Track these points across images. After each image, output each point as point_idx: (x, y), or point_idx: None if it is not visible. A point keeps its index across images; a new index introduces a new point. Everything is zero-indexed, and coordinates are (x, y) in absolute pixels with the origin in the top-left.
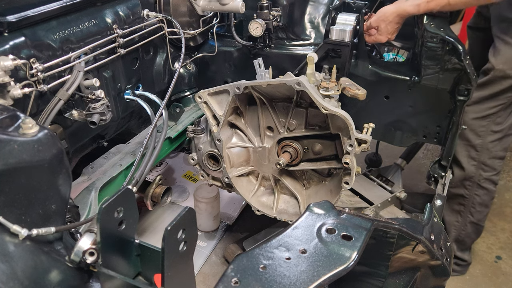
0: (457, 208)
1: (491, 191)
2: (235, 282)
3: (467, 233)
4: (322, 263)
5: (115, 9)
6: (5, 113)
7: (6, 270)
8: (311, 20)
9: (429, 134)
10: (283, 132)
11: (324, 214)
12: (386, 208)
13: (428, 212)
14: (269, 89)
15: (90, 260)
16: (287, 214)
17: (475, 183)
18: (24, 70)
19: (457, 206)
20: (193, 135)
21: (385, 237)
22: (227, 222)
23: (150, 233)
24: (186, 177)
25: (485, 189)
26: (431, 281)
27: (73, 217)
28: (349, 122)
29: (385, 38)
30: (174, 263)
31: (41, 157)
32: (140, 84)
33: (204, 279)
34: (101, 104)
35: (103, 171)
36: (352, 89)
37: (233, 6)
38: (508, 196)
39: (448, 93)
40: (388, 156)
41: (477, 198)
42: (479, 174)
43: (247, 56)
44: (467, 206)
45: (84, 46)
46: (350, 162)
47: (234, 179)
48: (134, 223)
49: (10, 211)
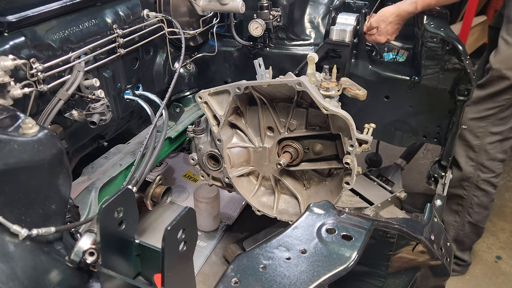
0: (455, 208)
1: (490, 193)
2: (235, 282)
3: (466, 233)
4: (322, 263)
5: (115, 9)
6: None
7: (6, 270)
8: (311, 20)
9: (429, 134)
10: (284, 132)
11: (324, 214)
12: (386, 208)
13: (428, 212)
14: (270, 89)
15: (90, 260)
16: (287, 214)
17: (473, 184)
18: (24, 70)
19: (455, 206)
20: (193, 135)
21: (385, 237)
22: (227, 222)
23: (150, 233)
24: (186, 177)
25: (484, 190)
26: (431, 281)
27: (73, 217)
28: (350, 122)
29: (384, 38)
30: (174, 263)
31: (41, 157)
32: (140, 84)
33: (204, 279)
34: (101, 104)
35: (103, 171)
36: (353, 89)
37: (233, 6)
38: (508, 196)
39: (448, 93)
40: (388, 156)
41: (475, 199)
42: (477, 175)
43: (247, 56)
44: (465, 207)
45: (84, 46)
46: (351, 162)
47: (234, 179)
48: (134, 223)
49: (10, 211)
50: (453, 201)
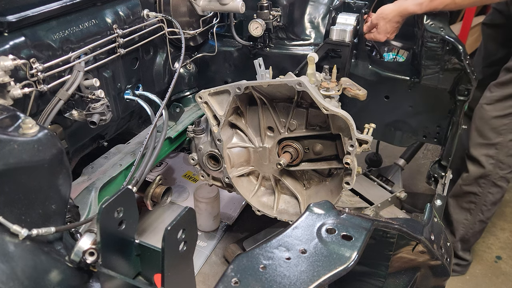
0: (467, 206)
1: (503, 189)
2: (235, 282)
3: (474, 232)
4: (322, 263)
5: (115, 9)
6: (5, 113)
7: (6, 270)
8: (311, 20)
9: (429, 134)
10: (284, 132)
11: (324, 214)
12: (386, 208)
13: (428, 212)
14: (270, 89)
15: (90, 260)
16: (287, 214)
17: (491, 181)
18: (24, 70)
19: (467, 204)
20: (193, 135)
21: (385, 237)
22: (227, 222)
23: (150, 233)
24: (186, 177)
25: (499, 187)
26: (431, 281)
27: (73, 217)
28: (350, 122)
29: (383, 37)
30: (174, 263)
31: (41, 157)
32: (140, 84)
33: (204, 279)
34: (101, 104)
35: (103, 171)
36: (353, 89)
37: (233, 6)
38: (508, 196)
39: (448, 93)
40: (388, 156)
41: (490, 196)
42: (496, 172)
43: (247, 56)
44: (479, 204)
45: (84, 46)
46: (351, 162)
47: (234, 179)
48: (134, 223)
49: (10, 211)
50: (465, 199)
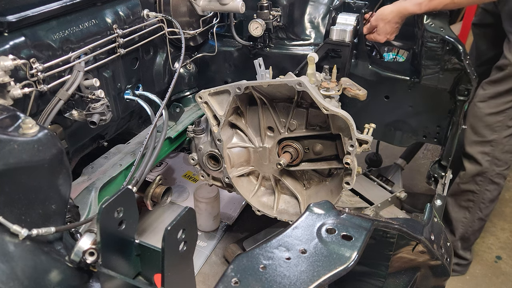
0: (466, 205)
1: (501, 186)
2: (235, 282)
3: (474, 230)
4: (322, 263)
5: (115, 9)
6: (5, 113)
7: (6, 270)
8: (311, 20)
9: (429, 134)
10: (284, 132)
11: (324, 214)
12: (386, 208)
13: (428, 212)
14: (270, 89)
15: (90, 260)
16: (287, 214)
17: (487, 178)
18: (24, 70)
19: (466, 203)
20: (193, 135)
21: (385, 237)
22: (227, 222)
23: (150, 233)
24: (186, 177)
25: (496, 184)
26: (431, 281)
27: (73, 217)
28: (350, 122)
29: (383, 37)
30: (174, 263)
31: (41, 157)
32: (140, 84)
33: (204, 279)
34: (101, 104)
35: (103, 171)
36: (353, 89)
37: (233, 6)
38: (508, 196)
39: (448, 93)
40: (388, 156)
41: (487, 193)
42: (492, 169)
43: (247, 56)
44: (477, 202)
45: (84, 46)
46: (351, 162)
47: (234, 179)
48: (134, 223)
49: (10, 211)
50: (464, 197)
